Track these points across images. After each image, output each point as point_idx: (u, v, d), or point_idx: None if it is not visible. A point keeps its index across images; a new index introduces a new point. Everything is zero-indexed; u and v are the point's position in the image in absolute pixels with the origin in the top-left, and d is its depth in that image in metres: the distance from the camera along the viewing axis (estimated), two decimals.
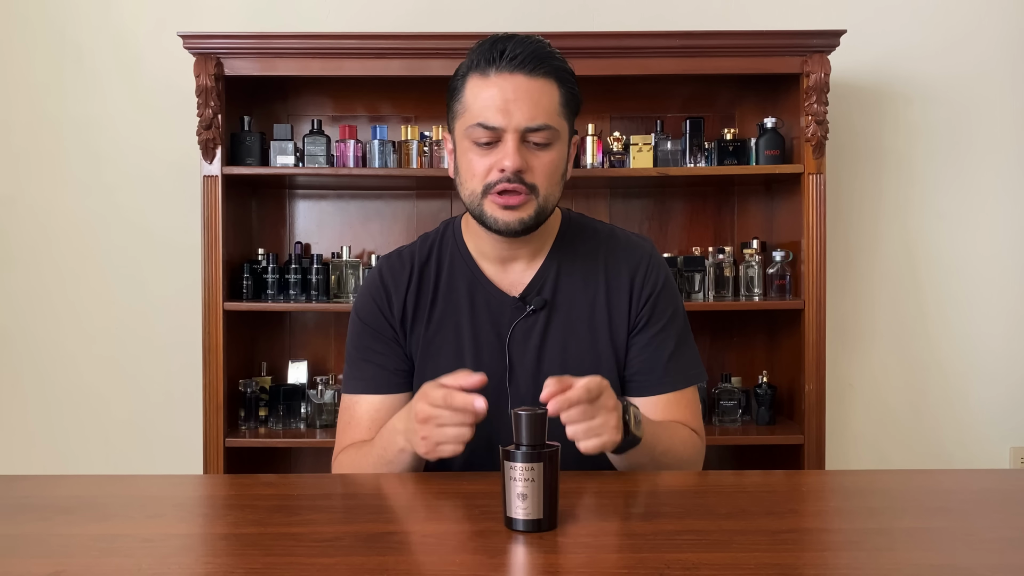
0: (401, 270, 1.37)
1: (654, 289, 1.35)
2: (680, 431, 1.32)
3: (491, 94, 1.23)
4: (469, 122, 1.24)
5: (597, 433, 1.10)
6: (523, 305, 1.33)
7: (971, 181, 2.70)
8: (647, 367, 1.34)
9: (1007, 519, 1.01)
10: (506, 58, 1.23)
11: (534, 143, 1.24)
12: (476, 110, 1.24)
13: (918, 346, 2.72)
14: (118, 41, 2.65)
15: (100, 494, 1.13)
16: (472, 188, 1.26)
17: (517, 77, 1.23)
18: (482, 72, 1.24)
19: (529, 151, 1.24)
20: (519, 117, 1.22)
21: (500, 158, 1.23)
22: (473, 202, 1.27)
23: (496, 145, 1.24)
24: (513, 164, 1.22)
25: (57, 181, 2.66)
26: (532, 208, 1.25)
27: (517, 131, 1.22)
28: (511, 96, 1.22)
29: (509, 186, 1.23)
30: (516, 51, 1.23)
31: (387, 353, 1.35)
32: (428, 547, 0.92)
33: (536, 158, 1.24)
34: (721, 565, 0.83)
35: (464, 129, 1.26)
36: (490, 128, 1.23)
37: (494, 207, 1.25)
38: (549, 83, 1.24)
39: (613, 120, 2.67)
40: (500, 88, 1.22)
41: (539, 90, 1.23)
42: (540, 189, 1.25)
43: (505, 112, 1.22)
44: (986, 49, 2.68)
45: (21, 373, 2.68)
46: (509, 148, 1.22)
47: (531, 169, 1.24)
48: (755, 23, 2.60)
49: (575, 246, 1.37)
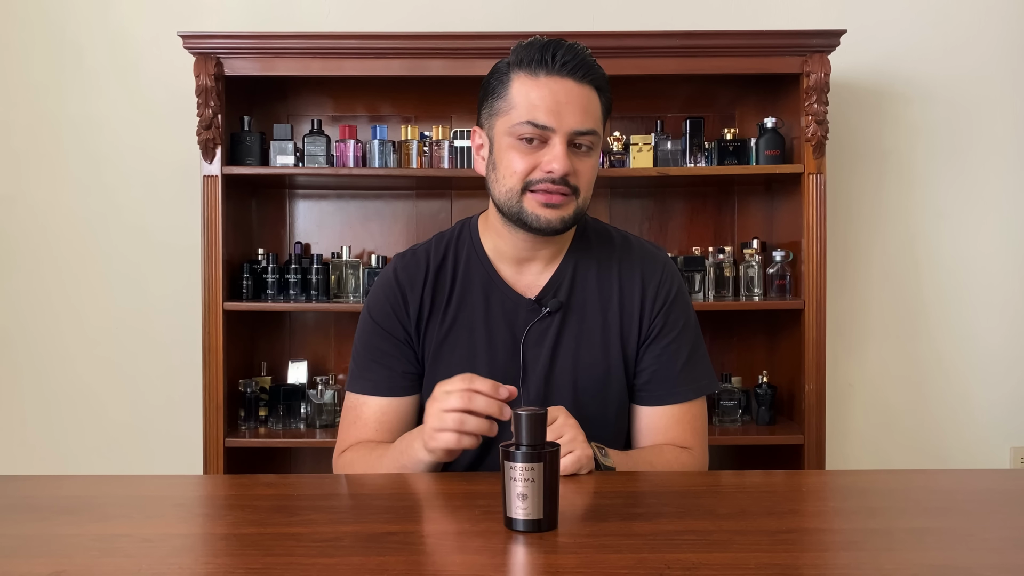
0: (416, 270, 1.36)
1: (667, 299, 1.36)
2: (665, 455, 1.31)
3: (542, 94, 1.24)
4: (516, 120, 1.25)
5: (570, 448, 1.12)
6: (538, 307, 1.33)
7: (971, 181, 2.70)
8: (658, 377, 1.34)
9: (1007, 519, 1.01)
10: (557, 62, 1.24)
11: (579, 147, 1.26)
12: (525, 108, 1.24)
13: (918, 346, 2.72)
14: (118, 41, 2.65)
15: (100, 494, 1.13)
16: (511, 185, 1.26)
17: (567, 82, 1.24)
18: (531, 72, 1.25)
19: (574, 155, 1.26)
20: (570, 120, 1.23)
21: (548, 160, 1.24)
22: (511, 200, 1.27)
23: (541, 146, 1.25)
24: (562, 167, 1.23)
25: (57, 181, 2.66)
26: (572, 208, 1.27)
27: (566, 134, 1.24)
28: (563, 99, 1.24)
29: (553, 187, 1.24)
30: (567, 57, 1.24)
31: (397, 355, 1.35)
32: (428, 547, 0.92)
33: (580, 162, 1.26)
34: (721, 565, 0.83)
35: (509, 126, 1.26)
36: (540, 127, 1.23)
37: (535, 204, 1.25)
38: (593, 91, 1.27)
39: (613, 120, 2.66)
40: (551, 90, 1.24)
41: (587, 97, 1.25)
42: (582, 191, 1.27)
43: (556, 114, 1.23)
44: (986, 49, 2.68)
45: (21, 373, 2.68)
46: (558, 151, 1.23)
47: (576, 172, 1.25)
48: (755, 23, 2.60)
49: (591, 251, 1.38)
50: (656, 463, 1.28)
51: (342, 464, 1.35)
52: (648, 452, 1.31)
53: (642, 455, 1.29)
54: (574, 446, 1.13)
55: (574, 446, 1.13)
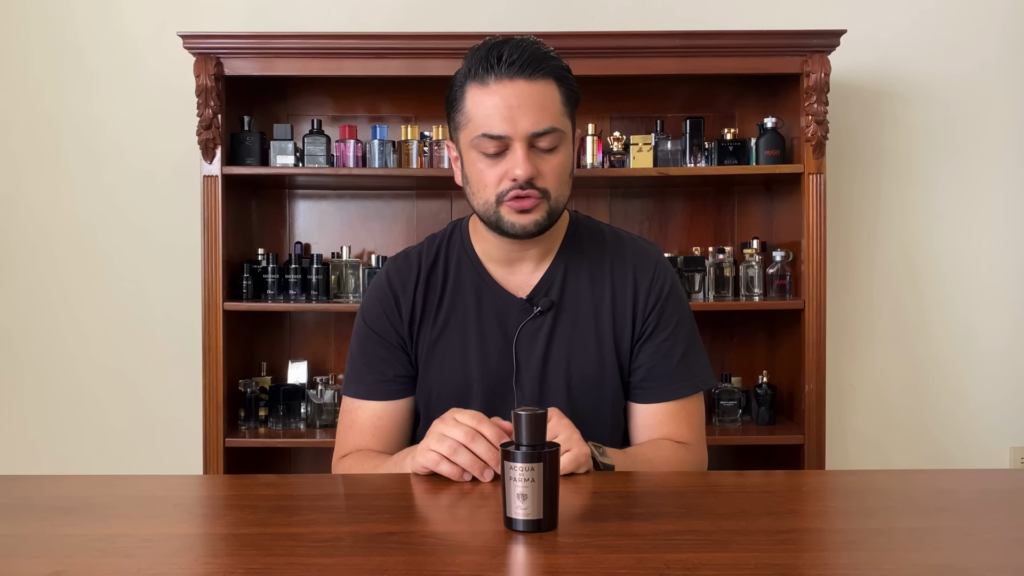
0: (408, 272, 1.37)
1: (660, 296, 1.35)
2: (663, 451, 1.31)
3: (493, 103, 1.21)
4: (474, 133, 1.23)
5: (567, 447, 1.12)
6: (530, 306, 1.33)
7: (971, 181, 2.70)
8: (654, 374, 1.34)
9: (1007, 519, 1.01)
10: (504, 64, 1.21)
11: (542, 148, 1.23)
12: (480, 120, 1.22)
13: (918, 346, 2.72)
14: (118, 41, 2.65)
15: (100, 494, 1.13)
16: (485, 198, 1.26)
17: (518, 83, 1.21)
18: (481, 81, 1.22)
19: (537, 156, 1.23)
20: (525, 124, 1.21)
21: (511, 167, 1.22)
22: (488, 211, 1.26)
23: (504, 154, 1.23)
24: (524, 173, 1.21)
25: (57, 181, 2.66)
26: (544, 210, 1.25)
27: (524, 138, 1.21)
28: (514, 103, 1.20)
29: (522, 192, 1.23)
30: (513, 56, 1.21)
31: (390, 359, 1.35)
32: (428, 547, 0.92)
33: (545, 162, 1.24)
34: (721, 565, 0.83)
35: (470, 140, 1.24)
36: (496, 138, 1.21)
37: (510, 212, 1.24)
38: (549, 84, 1.23)
39: (613, 120, 2.67)
40: (502, 96, 1.21)
41: (541, 93, 1.22)
42: (551, 192, 1.25)
43: (510, 120, 1.20)
44: (986, 50, 2.68)
45: (21, 373, 2.68)
46: (519, 157, 1.21)
47: (541, 174, 1.23)
48: (755, 23, 2.60)
49: (582, 248, 1.37)
50: (655, 459, 1.28)
51: (341, 469, 1.35)
52: (646, 448, 1.31)
53: (640, 451, 1.29)
54: (570, 445, 1.13)
55: (570, 445, 1.13)
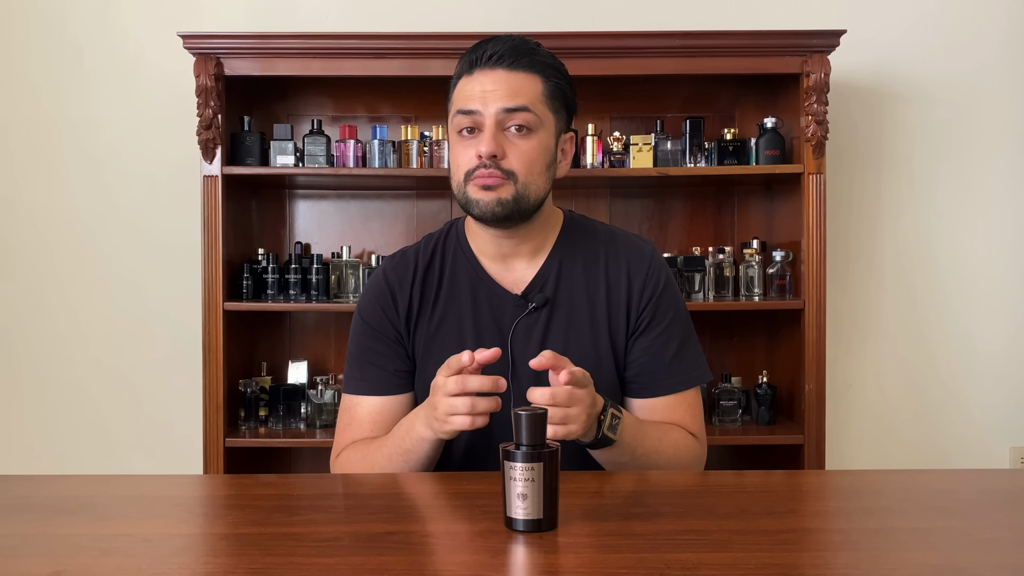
0: (405, 269, 1.38)
1: (655, 292, 1.36)
2: (673, 433, 1.32)
3: (472, 87, 1.28)
4: (452, 114, 1.30)
5: (565, 421, 1.12)
6: (525, 303, 1.34)
7: (970, 181, 2.70)
8: (649, 369, 1.35)
9: (1007, 519, 1.01)
10: (486, 55, 1.28)
11: (514, 128, 1.27)
12: (458, 102, 1.29)
13: (918, 346, 2.72)
14: (117, 41, 2.65)
15: (100, 494, 1.13)
16: (457, 179, 1.30)
17: (497, 72, 1.28)
18: (468, 72, 1.30)
19: (507, 139, 1.27)
20: (496, 103, 1.26)
21: (478, 145, 1.26)
22: (460, 192, 1.30)
23: (477, 135, 1.27)
24: (488, 148, 1.25)
25: (56, 182, 2.66)
26: (510, 192, 1.26)
27: (494, 115, 1.26)
28: (490, 87, 1.27)
29: (485, 171, 1.26)
30: (497, 48, 1.28)
31: (389, 355, 1.36)
32: (428, 547, 0.92)
33: (514, 146, 1.27)
34: (721, 565, 0.83)
35: (451, 124, 1.31)
36: (468, 112, 1.27)
37: (475, 189, 1.27)
38: (531, 76, 1.29)
39: (613, 120, 2.67)
40: (480, 82, 1.28)
41: (519, 80, 1.28)
42: (519, 175, 1.27)
43: (482, 99, 1.27)
44: (986, 50, 2.68)
45: (20, 374, 2.68)
46: (486, 134, 1.26)
47: (508, 156, 1.27)
48: (755, 23, 2.60)
49: (577, 245, 1.38)
50: (663, 439, 1.29)
51: (339, 465, 1.35)
52: (659, 427, 1.32)
53: (652, 428, 1.30)
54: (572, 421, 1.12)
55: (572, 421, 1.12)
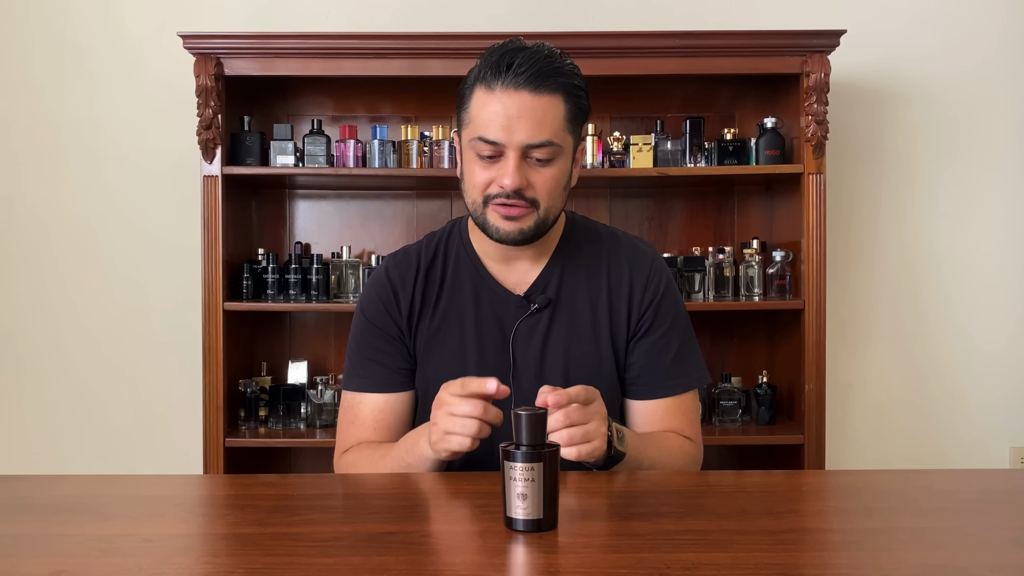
0: (408, 268, 1.38)
1: (656, 295, 1.36)
2: (671, 441, 1.33)
3: (494, 109, 1.22)
4: (472, 134, 1.25)
5: (589, 438, 1.11)
6: (527, 304, 1.34)
7: (970, 181, 2.70)
8: (648, 371, 1.35)
9: (1007, 519, 1.01)
10: (511, 73, 1.21)
11: (536, 159, 1.24)
12: (479, 123, 1.24)
13: (918, 346, 2.72)
14: (118, 41, 2.65)
15: (100, 494, 1.13)
16: (473, 198, 1.28)
17: (522, 94, 1.22)
18: (488, 85, 1.24)
19: (530, 167, 1.24)
20: (521, 134, 1.22)
21: (501, 174, 1.23)
22: (476, 211, 1.28)
23: (497, 160, 1.24)
24: (513, 183, 1.23)
25: (57, 181, 2.66)
26: (532, 220, 1.26)
27: (518, 148, 1.22)
28: (514, 113, 1.21)
29: (509, 200, 1.24)
30: (523, 67, 1.21)
31: (391, 352, 1.36)
32: (428, 547, 0.92)
33: (537, 174, 1.25)
34: (721, 565, 0.83)
35: (468, 140, 1.27)
36: (491, 143, 1.23)
37: (496, 216, 1.26)
38: (555, 99, 1.24)
39: (613, 120, 2.67)
40: (504, 105, 1.22)
41: (544, 107, 1.22)
42: (541, 203, 1.26)
43: (507, 129, 1.21)
44: (986, 50, 2.68)
45: (21, 373, 2.68)
46: (510, 166, 1.22)
47: (532, 185, 1.25)
48: (755, 23, 2.60)
49: (579, 248, 1.38)
50: (664, 449, 1.29)
51: (344, 465, 1.35)
52: (658, 437, 1.32)
53: (653, 439, 1.30)
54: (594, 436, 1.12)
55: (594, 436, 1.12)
